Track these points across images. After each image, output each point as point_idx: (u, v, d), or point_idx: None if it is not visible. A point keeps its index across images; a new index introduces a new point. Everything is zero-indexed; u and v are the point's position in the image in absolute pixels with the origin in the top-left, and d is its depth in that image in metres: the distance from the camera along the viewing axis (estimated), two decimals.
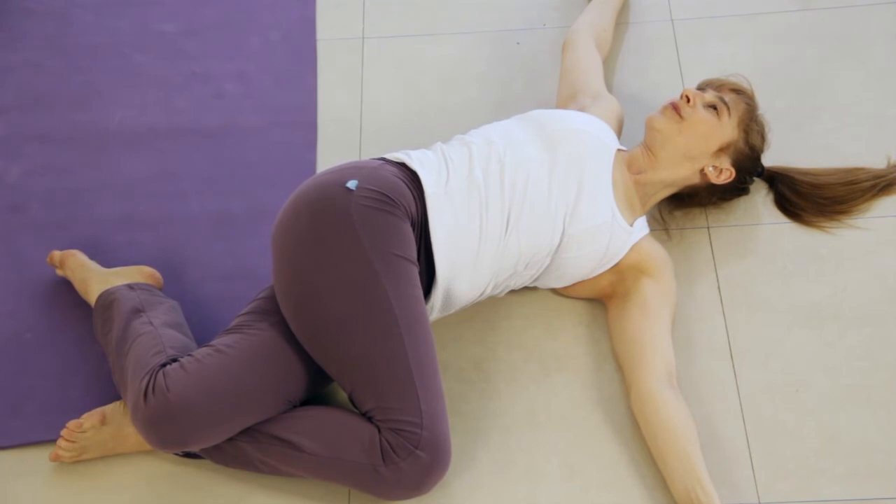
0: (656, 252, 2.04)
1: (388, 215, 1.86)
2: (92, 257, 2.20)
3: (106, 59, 2.54)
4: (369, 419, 1.81)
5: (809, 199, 2.17)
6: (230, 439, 1.85)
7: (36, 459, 1.98)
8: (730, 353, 2.04)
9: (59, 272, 2.17)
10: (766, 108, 2.37)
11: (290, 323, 1.86)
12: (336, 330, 1.81)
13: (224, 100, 2.47)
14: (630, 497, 1.89)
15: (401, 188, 1.90)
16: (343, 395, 2.01)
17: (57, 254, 2.17)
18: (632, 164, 2.08)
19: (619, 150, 2.08)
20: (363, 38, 2.58)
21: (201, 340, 2.05)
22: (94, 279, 2.10)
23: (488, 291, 2.00)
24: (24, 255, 2.23)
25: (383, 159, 1.98)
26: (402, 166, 1.96)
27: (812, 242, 2.15)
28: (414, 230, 1.90)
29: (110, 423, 1.94)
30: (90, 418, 1.93)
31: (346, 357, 1.81)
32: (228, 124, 2.43)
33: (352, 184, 1.88)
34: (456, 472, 1.93)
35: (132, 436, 1.94)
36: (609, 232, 1.99)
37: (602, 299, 2.08)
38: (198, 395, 1.77)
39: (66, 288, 2.18)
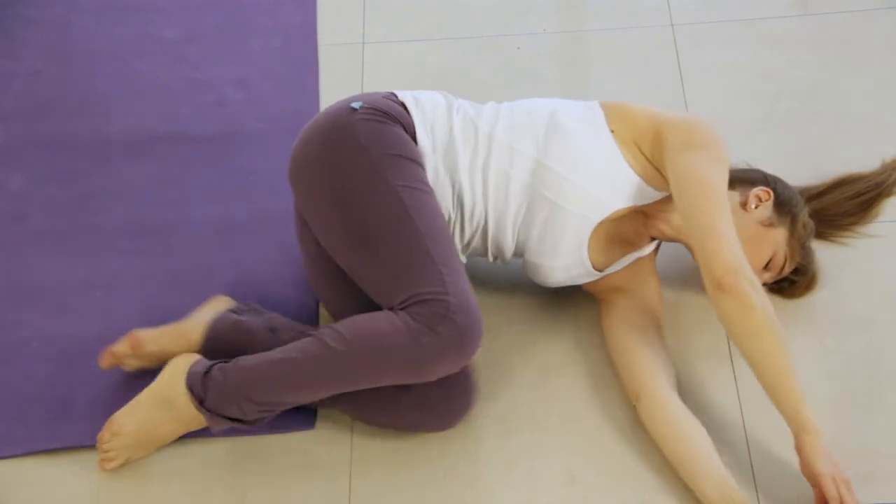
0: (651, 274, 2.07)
1: (390, 125, 1.92)
2: (96, 265, 2.21)
3: (107, 67, 2.54)
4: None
5: (818, 217, 2.13)
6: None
7: (39, 469, 1.97)
8: (730, 359, 2.04)
9: (132, 365, 2.03)
10: (766, 113, 2.38)
11: (331, 249, 1.92)
12: (360, 235, 1.85)
13: (226, 106, 2.47)
14: (631, 502, 1.89)
15: (403, 115, 1.96)
16: None
17: (118, 348, 2.01)
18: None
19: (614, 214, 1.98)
20: (363, 42, 2.58)
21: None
22: (183, 333, 2.02)
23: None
24: (29, 263, 2.23)
25: (394, 95, 2.01)
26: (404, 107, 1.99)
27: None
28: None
29: (139, 428, 1.92)
30: (107, 429, 1.93)
31: (375, 267, 1.85)
32: (230, 130, 2.43)
33: (356, 104, 1.93)
34: (455, 476, 1.93)
35: (164, 425, 1.92)
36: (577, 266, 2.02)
37: (599, 297, 2.09)
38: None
39: (70, 296, 2.18)
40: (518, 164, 1.94)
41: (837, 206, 2.14)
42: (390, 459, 1.95)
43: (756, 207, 1.99)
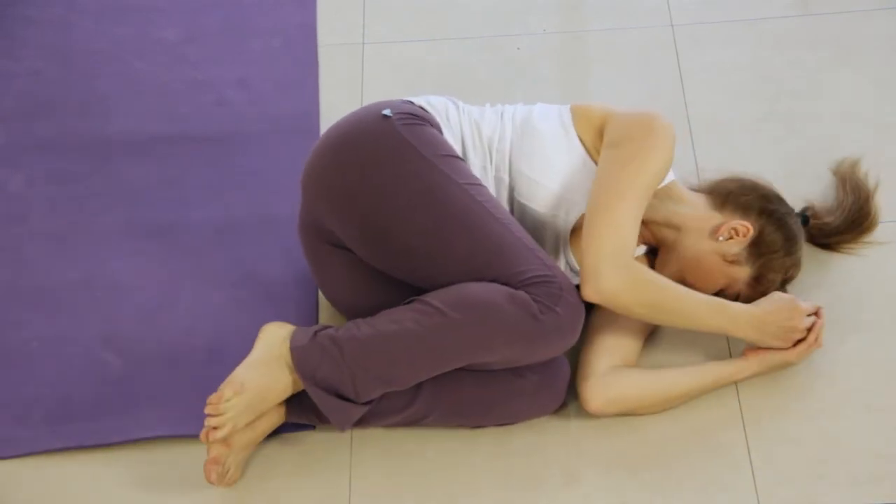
0: None
1: (430, 128, 1.93)
2: (96, 265, 2.21)
3: (107, 67, 2.54)
4: None
5: (829, 245, 2.14)
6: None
7: (39, 469, 1.98)
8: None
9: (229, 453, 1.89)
10: (766, 113, 2.38)
11: (376, 260, 1.90)
12: (434, 240, 1.84)
13: (226, 106, 2.47)
14: (632, 502, 1.89)
15: (430, 118, 1.96)
16: None
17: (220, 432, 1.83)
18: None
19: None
20: (363, 43, 2.59)
21: (215, 348, 2.08)
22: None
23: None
24: (29, 263, 2.23)
25: (409, 101, 2.01)
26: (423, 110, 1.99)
27: (810, 248, 2.15)
28: None
29: (249, 387, 1.83)
30: (229, 387, 1.81)
31: (458, 264, 1.84)
32: (230, 131, 2.43)
33: (386, 111, 1.92)
34: (454, 477, 1.93)
35: (281, 381, 1.85)
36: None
37: None
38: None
39: (70, 296, 2.18)
40: (506, 168, 1.98)
41: (842, 231, 2.13)
42: (390, 459, 1.95)
43: (725, 239, 1.96)
